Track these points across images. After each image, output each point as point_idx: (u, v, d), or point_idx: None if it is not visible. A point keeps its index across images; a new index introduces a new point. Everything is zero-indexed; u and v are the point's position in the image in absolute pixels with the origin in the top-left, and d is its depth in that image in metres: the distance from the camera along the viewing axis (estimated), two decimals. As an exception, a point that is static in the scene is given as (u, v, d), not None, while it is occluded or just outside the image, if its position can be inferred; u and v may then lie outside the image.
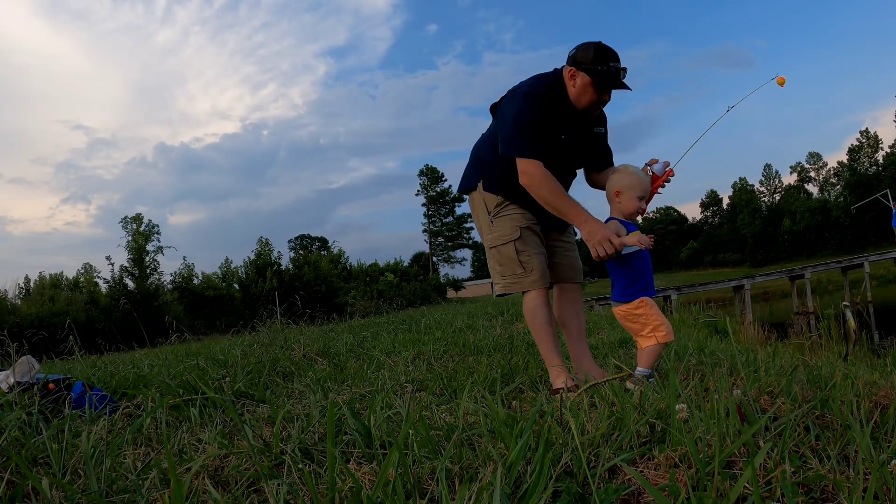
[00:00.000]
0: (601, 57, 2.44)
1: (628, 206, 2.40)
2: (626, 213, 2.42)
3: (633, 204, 2.40)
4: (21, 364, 2.81)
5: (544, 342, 2.60)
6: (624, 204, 2.41)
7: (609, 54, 2.46)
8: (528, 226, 2.63)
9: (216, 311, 28.50)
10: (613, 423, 1.66)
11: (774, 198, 80.00)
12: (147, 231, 29.25)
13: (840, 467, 1.29)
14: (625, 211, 2.41)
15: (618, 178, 2.45)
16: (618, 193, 2.41)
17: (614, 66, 2.45)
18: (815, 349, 4.77)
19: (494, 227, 2.65)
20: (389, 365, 3.68)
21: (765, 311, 17.87)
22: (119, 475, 1.51)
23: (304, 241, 70.22)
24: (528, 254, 2.59)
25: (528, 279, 2.59)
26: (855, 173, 68.69)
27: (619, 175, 2.45)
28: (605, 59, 2.44)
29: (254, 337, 6.37)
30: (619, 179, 2.44)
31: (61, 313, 20.30)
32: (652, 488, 1.13)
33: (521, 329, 5.85)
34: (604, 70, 2.45)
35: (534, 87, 2.55)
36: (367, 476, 1.44)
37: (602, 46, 2.48)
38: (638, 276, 2.39)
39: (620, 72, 2.46)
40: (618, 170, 2.49)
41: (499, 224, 2.64)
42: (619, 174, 2.46)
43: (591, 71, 2.45)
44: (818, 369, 2.20)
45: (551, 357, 2.59)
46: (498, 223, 2.64)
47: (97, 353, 6.00)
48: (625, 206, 2.41)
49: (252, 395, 2.88)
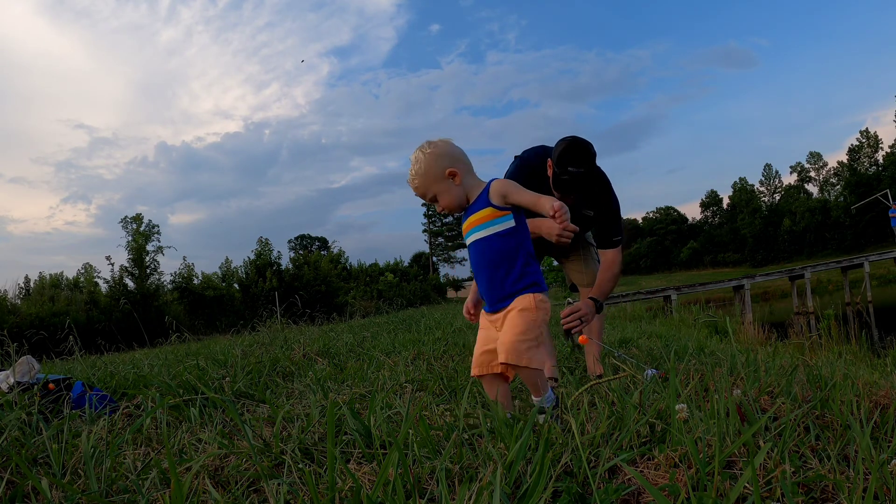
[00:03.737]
0: (561, 161, 2.56)
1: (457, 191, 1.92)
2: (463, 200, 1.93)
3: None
4: (21, 364, 2.81)
5: None
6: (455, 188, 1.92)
7: (570, 159, 2.54)
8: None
9: (216, 311, 28.48)
10: (613, 422, 1.66)
11: (774, 198, 79.96)
12: (147, 231, 29.22)
13: (840, 467, 1.29)
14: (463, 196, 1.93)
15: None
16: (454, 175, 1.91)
17: (573, 171, 2.54)
18: (815, 349, 4.77)
19: None
20: (389, 365, 3.68)
21: (765, 311, 17.84)
22: (119, 475, 1.50)
23: (304, 241, 70.18)
24: None
25: None
26: (855, 173, 68.66)
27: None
28: (564, 163, 2.55)
29: (254, 337, 6.37)
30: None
31: (61, 313, 20.30)
32: (652, 488, 1.13)
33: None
34: (559, 174, 2.57)
35: (530, 157, 2.78)
36: (367, 476, 1.44)
37: (567, 150, 2.56)
38: None
39: (577, 177, 2.55)
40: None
41: None
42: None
43: (553, 171, 2.60)
44: (818, 369, 2.20)
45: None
46: None
47: (97, 353, 6.01)
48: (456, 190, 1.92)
49: (252, 395, 2.88)
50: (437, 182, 1.91)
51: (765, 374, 2.12)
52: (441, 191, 1.91)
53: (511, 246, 1.87)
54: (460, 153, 1.96)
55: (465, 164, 1.95)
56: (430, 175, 1.90)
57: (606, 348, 3.12)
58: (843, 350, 5.05)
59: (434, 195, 1.92)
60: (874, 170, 67.00)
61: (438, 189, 1.91)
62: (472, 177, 1.95)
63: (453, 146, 1.96)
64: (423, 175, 1.91)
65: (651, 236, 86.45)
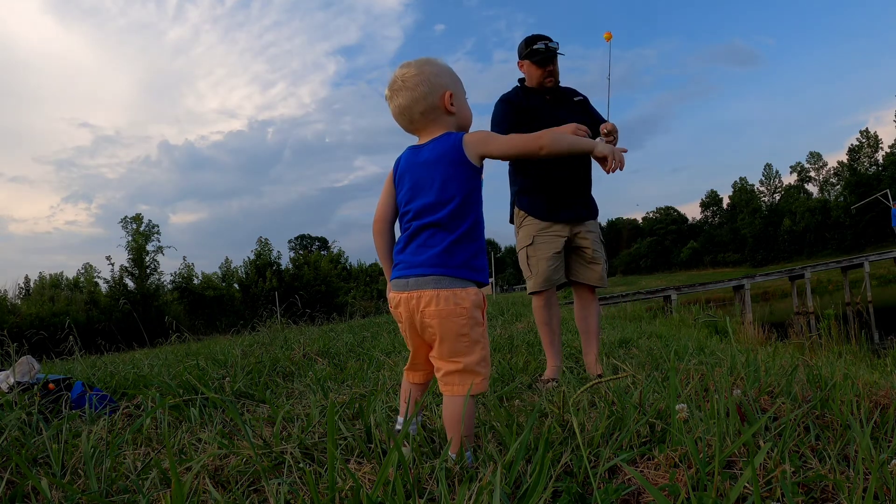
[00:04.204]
0: (529, 42, 2.99)
1: (466, 113, 1.66)
2: (466, 123, 1.66)
3: (468, 110, 1.66)
4: (21, 364, 2.81)
5: (542, 339, 3.10)
6: (462, 112, 1.63)
7: (534, 38, 2.98)
8: (541, 233, 2.99)
9: (216, 311, 28.49)
10: (613, 422, 1.66)
11: (774, 198, 79.99)
12: (147, 231, 29.24)
13: (840, 467, 1.29)
14: (465, 121, 1.66)
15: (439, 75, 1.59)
16: (450, 97, 1.58)
17: (542, 44, 2.96)
18: (815, 349, 4.77)
19: (519, 235, 3.11)
20: (389, 365, 3.68)
21: (765, 311, 17.84)
22: (119, 475, 1.50)
23: (304, 241, 70.20)
24: (536, 259, 2.98)
25: (532, 282, 3.01)
26: (855, 173, 68.67)
27: (437, 69, 1.60)
28: (532, 41, 2.98)
29: (254, 337, 6.37)
30: (439, 74, 1.59)
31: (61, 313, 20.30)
32: (652, 488, 1.13)
33: (521, 329, 5.85)
34: (534, 49, 2.96)
35: (505, 94, 3.08)
36: (367, 476, 1.44)
37: (530, 36, 3.02)
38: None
39: (549, 46, 2.95)
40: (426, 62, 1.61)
41: (520, 233, 3.08)
42: (432, 66, 1.60)
43: (526, 55, 3.00)
44: (818, 369, 2.20)
45: (546, 351, 3.08)
46: (520, 232, 3.08)
47: (97, 353, 6.01)
48: (463, 114, 1.64)
49: (252, 395, 2.88)
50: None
51: (765, 374, 2.12)
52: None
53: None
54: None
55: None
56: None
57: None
58: (843, 350, 5.05)
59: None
60: (874, 170, 67.00)
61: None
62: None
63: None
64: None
65: (651, 236, 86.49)
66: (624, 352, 3.80)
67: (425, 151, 1.58)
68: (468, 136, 1.56)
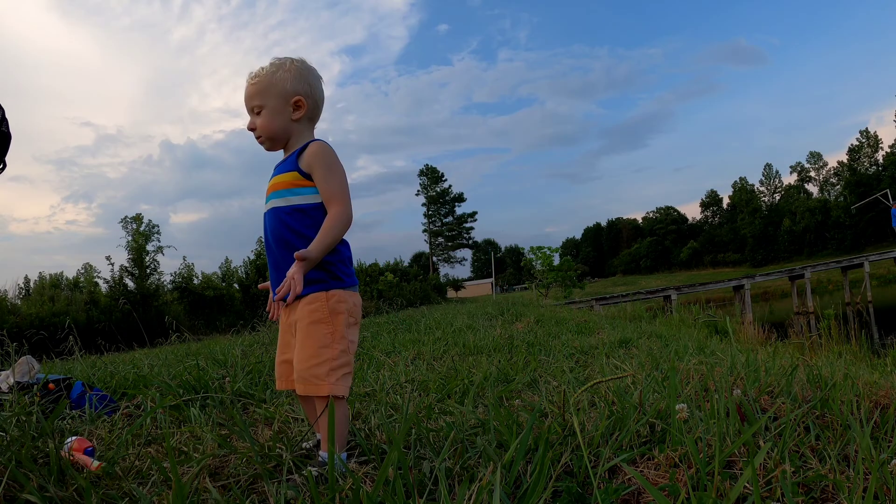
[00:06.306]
0: None
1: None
2: None
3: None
4: (21, 364, 2.81)
5: None
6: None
7: None
8: None
9: (216, 311, 28.49)
10: (613, 422, 1.66)
11: (774, 198, 79.94)
12: (147, 231, 29.22)
13: (840, 467, 1.29)
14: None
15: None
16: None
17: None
18: (815, 349, 4.77)
19: None
20: (389, 365, 3.67)
21: (765, 310, 17.85)
22: (119, 475, 1.50)
23: (304, 241, 70.13)
24: None
25: None
26: (855, 173, 68.62)
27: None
28: None
29: (254, 337, 6.37)
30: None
31: (61, 313, 20.29)
32: (652, 488, 1.13)
33: (521, 329, 5.85)
34: None
35: None
36: (367, 476, 1.44)
37: None
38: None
39: None
40: None
41: None
42: None
43: None
44: (818, 369, 2.20)
45: None
46: None
47: (97, 353, 6.00)
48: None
49: (252, 395, 2.87)
50: (276, 98, 1.55)
51: (765, 374, 2.12)
52: (272, 110, 1.56)
53: (307, 224, 1.51)
54: (321, 95, 1.64)
55: (315, 107, 1.62)
56: (275, 86, 1.55)
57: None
58: (843, 350, 5.05)
59: (261, 108, 1.57)
60: (874, 170, 66.97)
61: (272, 106, 1.56)
62: (310, 127, 1.63)
63: (321, 84, 1.65)
64: (268, 81, 1.55)
65: (651, 236, 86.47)
66: (624, 352, 3.80)
67: None
68: None
